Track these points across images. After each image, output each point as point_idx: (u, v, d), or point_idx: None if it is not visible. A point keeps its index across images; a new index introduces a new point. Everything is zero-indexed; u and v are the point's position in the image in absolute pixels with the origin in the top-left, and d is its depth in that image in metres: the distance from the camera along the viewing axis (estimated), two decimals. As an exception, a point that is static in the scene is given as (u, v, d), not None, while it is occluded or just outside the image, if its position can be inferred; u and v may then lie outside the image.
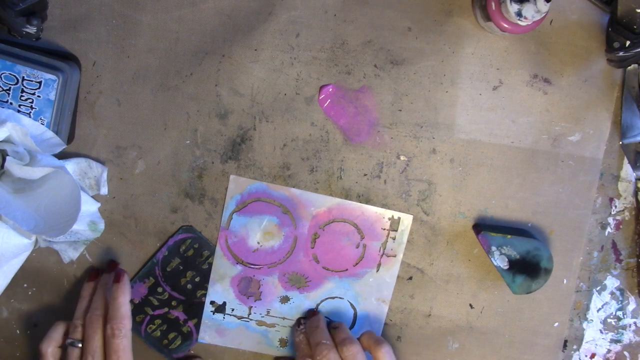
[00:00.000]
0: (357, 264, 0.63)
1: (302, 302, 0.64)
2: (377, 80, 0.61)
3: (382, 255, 0.63)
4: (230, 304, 0.64)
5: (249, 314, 0.64)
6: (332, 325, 0.62)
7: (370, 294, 0.64)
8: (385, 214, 0.62)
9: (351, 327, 0.65)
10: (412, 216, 0.63)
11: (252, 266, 0.63)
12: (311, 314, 0.63)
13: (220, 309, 0.64)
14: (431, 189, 0.63)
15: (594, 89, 0.62)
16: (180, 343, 0.65)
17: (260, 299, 0.64)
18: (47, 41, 0.60)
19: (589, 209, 0.63)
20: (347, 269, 0.63)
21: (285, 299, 0.64)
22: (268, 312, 0.64)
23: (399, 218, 0.63)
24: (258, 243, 0.63)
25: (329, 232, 0.62)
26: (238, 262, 0.63)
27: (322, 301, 0.64)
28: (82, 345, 0.57)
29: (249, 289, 0.63)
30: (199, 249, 0.63)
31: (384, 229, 0.63)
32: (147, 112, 0.62)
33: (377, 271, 0.63)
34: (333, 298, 0.64)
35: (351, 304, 0.64)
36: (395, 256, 0.63)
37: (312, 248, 0.63)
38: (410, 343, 0.65)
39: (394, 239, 0.63)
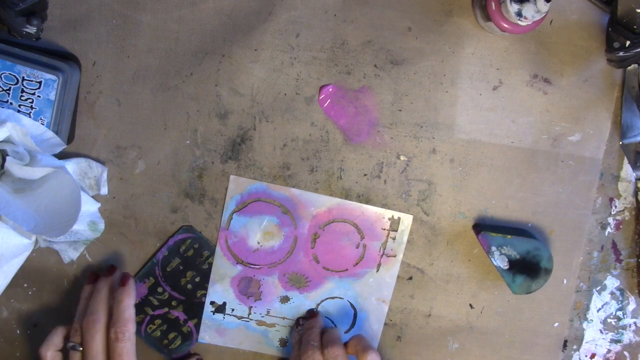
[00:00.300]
0: (357, 264, 0.63)
1: (302, 302, 0.64)
2: (377, 80, 0.61)
3: (382, 255, 0.63)
4: (230, 304, 0.64)
5: (249, 313, 0.64)
6: (324, 329, 0.62)
7: (370, 294, 0.64)
8: (385, 214, 0.62)
9: (351, 327, 0.65)
10: (412, 216, 0.63)
11: (252, 266, 0.63)
12: (310, 315, 0.63)
13: (220, 309, 0.64)
14: (431, 189, 0.63)
15: (594, 89, 0.62)
16: (180, 343, 0.65)
17: (261, 299, 0.64)
18: (47, 41, 0.60)
19: (589, 209, 0.63)
20: (347, 269, 0.63)
21: (285, 299, 0.64)
22: (268, 312, 0.64)
23: (399, 218, 0.63)
24: (258, 243, 0.63)
25: (329, 232, 0.62)
26: (238, 262, 0.63)
27: (322, 301, 0.64)
28: (83, 349, 0.57)
29: (249, 289, 0.63)
30: (199, 249, 0.63)
31: (384, 229, 0.63)
32: (147, 112, 0.62)
33: (377, 271, 0.63)
34: (333, 298, 0.64)
35: (351, 304, 0.64)
36: (395, 256, 0.63)
37: (312, 248, 0.63)
38: (410, 343, 0.65)
39: (394, 239, 0.63)
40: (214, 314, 0.64)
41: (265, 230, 0.62)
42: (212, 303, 0.64)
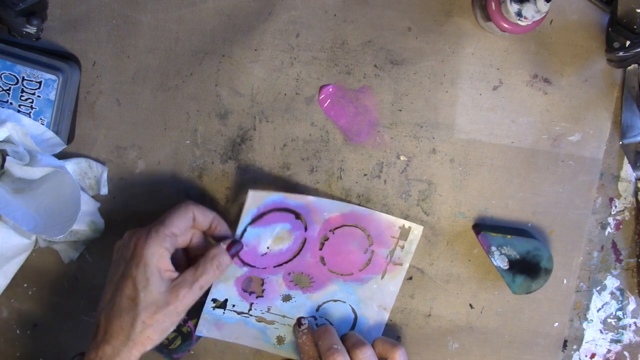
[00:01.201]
0: (363, 269, 0.63)
1: (304, 302, 0.64)
2: (377, 80, 0.61)
3: (388, 263, 0.62)
4: (231, 300, 0.63)
5: (250, 309, 0.64)
6: (344, 334, 0.61)
7: (373, 300, 0.63)
8: (397, 223, 0.61)
9: (350, 330, 0.64)
10: (422, 227, 0.61)
11: (259, 267, 0.62)
12: (300, 320, 0.62)
13: (221, 305, 0.64)
14: (431, 189, 0.63)
15: (594, 89, 0.62)
16: (180, 343, 0.65)
17: (263, 296, 0.63)
18: (47, 41, 0.60)
19: (589, 209, 0.63)
20: (352, 273, 0.63)
21: (287, 298, 0.63)
22: (269, 309, 0.64)
23: (410, 227, 0.62)
24: (268, 248, 0.61)
25: (338, 235, 0.62)
26: (245, 265, 0.62)
27: (323, 303, 0.64)
28: None
29: (251, 286, 0.63)
30: (199, 248, 0.63)
31: (393, 237, 0.62)
32: (147, 112, 0.62)
33: (382, 278, 0.63)
34: (335, 301, 0.64)
35: (352, 309, 0.64)
36: (401, 265, 0.62)
37: (320, 250, 0.62)
38: (410, 343, 0.65)
39: (402, 247, 0.62)
40: (214, 309, 0.64)
41: (277, 236, 0.61)
42: (213, 300, 0.64)
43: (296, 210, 0.60)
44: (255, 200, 0.57)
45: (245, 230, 0.59)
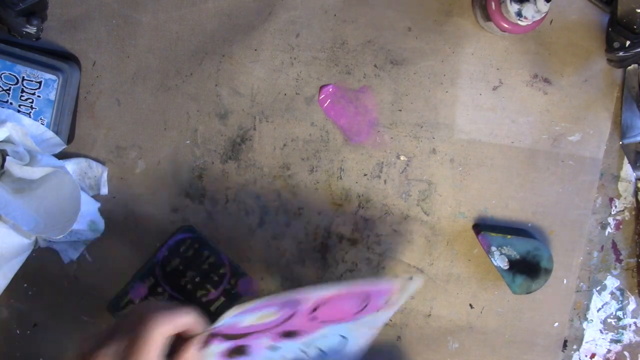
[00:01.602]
0: (356, 313, 0.56)
1: (292, 347, 0.56)
2: (377, 80, 0.61)
3: (383, 306, 0.57)
4: None
5: None
6: None
7: (364, 326, 0.58)
8: (397, 282, 0.56)
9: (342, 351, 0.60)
10: (423, 279, 0.57)
11: (242, 337, 0.53)
12: None
13: None
14: (431, 189, 0.63)
15: (594, 89, 0.62)
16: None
17: (248, 355, 0.54)
18: (47, 41, 0.60)
19: (589, 209, 0.63)
20: (344, 318, 0.56)
21: (274, 347, 0.56)
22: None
23: (411, 278, 0.57)
24: (250, 324, 0.52)
25: (331, 302, 0.53)
26: (228, 339, 0.52)
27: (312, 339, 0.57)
28: None
29: (234, 355, 0.54)
30: (199, 249, 0.63)
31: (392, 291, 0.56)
32: (147, 112, 0.62)
33: (376, 313, 0.57)
34: (325, 336, 0.57)
35: (343, 336, 0.58)
36: (395, 304, 0.58)
37: (313, 312, 0.54)
38: (410, 343, 0.65)
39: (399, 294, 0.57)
40: None
41: (261, 316, 0.51)
42: None
43: (284, 301, 0.51)
44: (242, 306, 0.48)
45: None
